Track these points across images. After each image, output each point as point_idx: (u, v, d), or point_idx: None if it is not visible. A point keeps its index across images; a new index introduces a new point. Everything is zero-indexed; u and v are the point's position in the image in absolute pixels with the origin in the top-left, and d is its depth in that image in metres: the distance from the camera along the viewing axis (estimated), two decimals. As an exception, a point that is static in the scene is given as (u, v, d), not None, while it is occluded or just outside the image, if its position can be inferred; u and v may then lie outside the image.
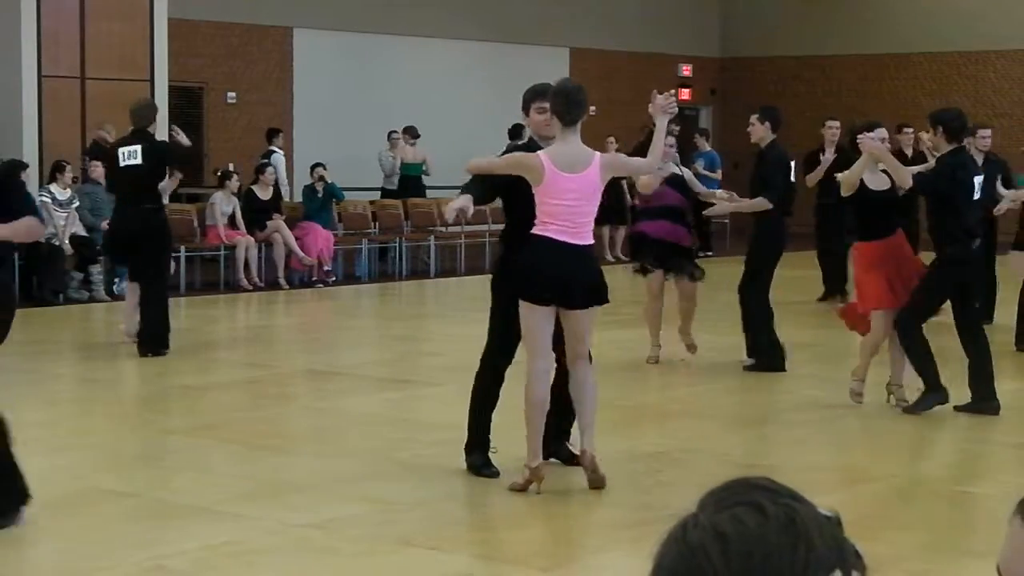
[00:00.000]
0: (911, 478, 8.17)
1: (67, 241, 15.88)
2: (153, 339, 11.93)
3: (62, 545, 6.45)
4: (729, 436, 9.18)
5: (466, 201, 7.50)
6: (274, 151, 19.94)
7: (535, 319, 7.23)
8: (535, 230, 7.18)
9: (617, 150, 18.29)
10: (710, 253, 21.01)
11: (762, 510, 1.28)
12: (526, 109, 7.82)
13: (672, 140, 11.32)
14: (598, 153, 7.40)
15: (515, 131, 22.25)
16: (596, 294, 7.34)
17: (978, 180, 9.51)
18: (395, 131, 21.30)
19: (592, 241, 7.34)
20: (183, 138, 12.95)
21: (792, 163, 11.67)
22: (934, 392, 9.43)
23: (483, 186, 7.77)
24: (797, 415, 9.56)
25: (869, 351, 9.65)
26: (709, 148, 22.86)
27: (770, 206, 10.94)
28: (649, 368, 11.56)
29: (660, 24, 27.34)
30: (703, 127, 26.78)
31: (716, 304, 13.36)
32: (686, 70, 28.21)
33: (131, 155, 12.11)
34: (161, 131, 13.70)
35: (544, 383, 7.32)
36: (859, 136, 9.40)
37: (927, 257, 9.76)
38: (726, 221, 22.89)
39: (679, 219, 11.38)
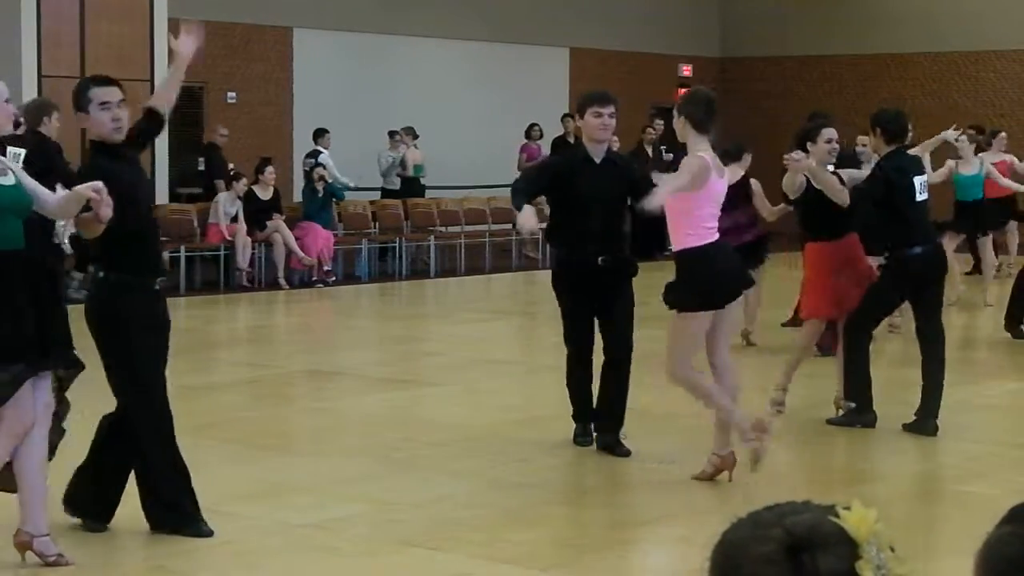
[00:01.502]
0: (911, 478, 8.17)
1: (67, 241, 15.88)
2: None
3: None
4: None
5: (533, 217, 7.95)
6: (320, 151, 20.11)
7: (701, 327, 7.56)
8: (705, 239, 7.35)
9: (617, 150, 18.26)
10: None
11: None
12: (581, 112, 8.16)
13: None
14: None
15: (528, 132, 22.28)
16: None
17: (919, 180, 9.08)
18: (396, 131, 21.32)
19: None
20: None
21: None
22: (862, 413, 9.12)
23: (536, 184, 8.44)
24: (797, 415, 9.55)
25: (796, 361, 9.58)
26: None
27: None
28: (649, 368, 11.54)
29: (660, 24, 27.32)
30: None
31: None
32: (686, 70, 28.20)
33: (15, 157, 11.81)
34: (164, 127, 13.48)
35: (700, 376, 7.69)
36: (786, 157, 9.02)
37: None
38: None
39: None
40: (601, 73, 25.68)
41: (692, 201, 7.24)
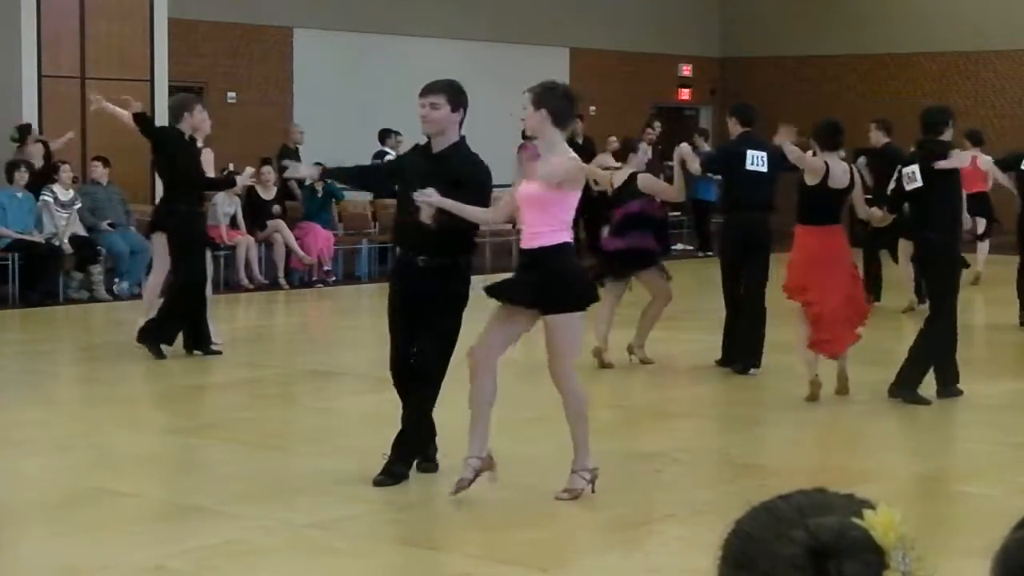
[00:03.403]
0: (911, 478, 8.17)
1: (67, 241, 15.89)
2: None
3: (62, 545, 6.45)
4: (729, 436, 9.19)
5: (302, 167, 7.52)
6: (387, 151, 20.28)
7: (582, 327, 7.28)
8: (567, 238, 7.18)
9: (615, 151, 18.26)
10: (710, 253, 21.00)
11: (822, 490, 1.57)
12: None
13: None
14: None
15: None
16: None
17: (906, 170, 9.65)
18: (398, 131, 21.31)
19: None
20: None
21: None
22: (948, 386, 9.83)
23: (365, 176, 7.98)
24: (797, 415, 9.56)
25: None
26: (708, 148, 22.81)
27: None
28: (648, 368, 11.55)
29: (660, 24, 27.32)
30: (703, 127, 26.78)
31: (715, 304, 13.34)
32: (686, 70, 28.20)
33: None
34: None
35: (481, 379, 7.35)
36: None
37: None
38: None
39: (644, 226, 11.35)
40: (601, 73, 25.69)
41: (565, 201, 7.11)
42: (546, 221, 7.13)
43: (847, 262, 9.95)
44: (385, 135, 20.76)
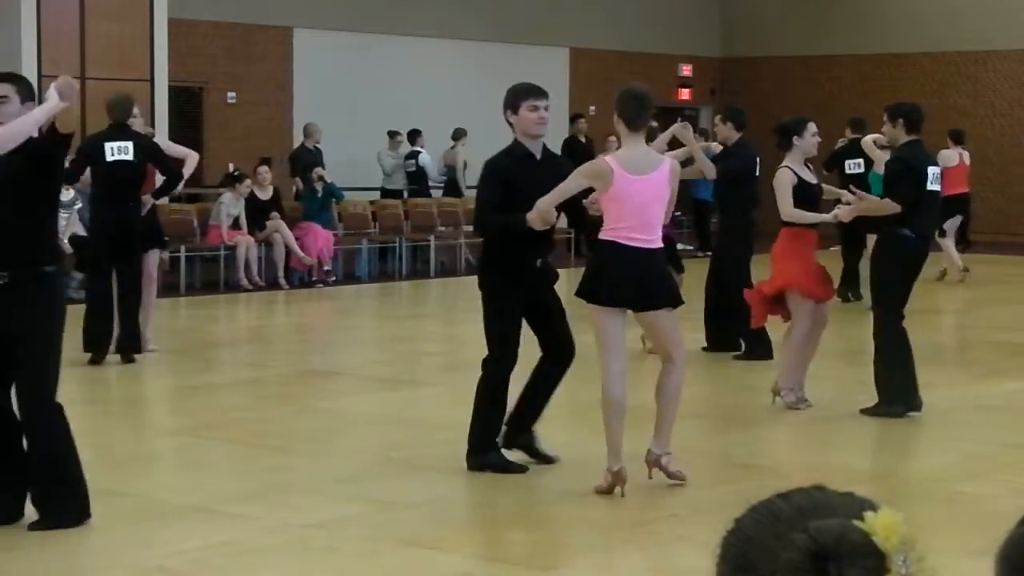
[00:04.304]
0: (909, 478, 8.17)
1: (67, 241, 15.89)
2: (134, 344, 11.66)
3: (62, 545, 6.45)
4: (729, 436, 9.19)
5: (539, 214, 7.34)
6: (419, 151, 20.37)
7: (609, 320, 7.20)
8: (608, 235, 7.17)
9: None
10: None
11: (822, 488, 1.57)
12: (514, 107, 7.68)
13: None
14: (666, 158, 7.55)
15: (569, 145, 22.20)
16: (671, 295, 7.40)
17: (933, 171, 9.44)
18: (397, 131, 21.34)
19: (661, 245, 7.32)
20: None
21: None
22: (888, 405, 9.34)
23: (498, 199, 7.67)
24: (796, 415, 9.56)
25: (801, 350, 9.56)
26: (710, 147, 22.78)
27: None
28: (647, 368, 11.54)
29: (660, 24, 27.33)
30: (703, 127, 26.77)
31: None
32: (686, 70, 28.20)
33: (121, 151, 11.75)
34: (164, 127, 13.56)
35: (620, 383, 7.24)
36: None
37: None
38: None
39: None
40: (601, 73, 25.68)
41: (605, 201, 7.15)
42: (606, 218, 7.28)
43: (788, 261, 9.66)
44: (415, 135, 21.02)
